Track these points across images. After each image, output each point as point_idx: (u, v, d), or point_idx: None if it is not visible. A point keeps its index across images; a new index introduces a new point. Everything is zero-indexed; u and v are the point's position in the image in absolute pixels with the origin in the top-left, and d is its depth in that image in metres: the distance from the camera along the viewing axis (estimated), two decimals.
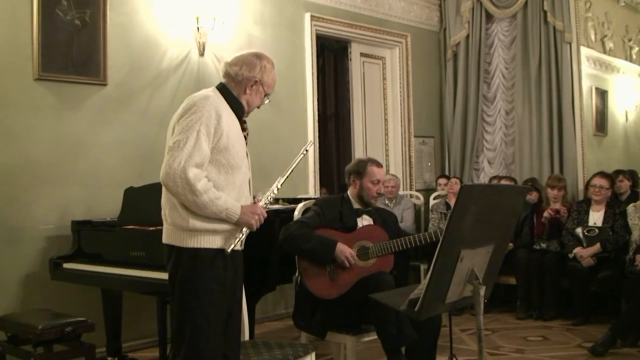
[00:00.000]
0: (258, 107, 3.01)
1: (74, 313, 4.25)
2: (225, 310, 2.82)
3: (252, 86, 2.90)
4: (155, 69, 5.61)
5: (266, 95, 2.97)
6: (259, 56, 2.96)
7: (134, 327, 5.15)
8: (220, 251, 2.77)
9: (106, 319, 4.79)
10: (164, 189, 2.80)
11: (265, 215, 2.89)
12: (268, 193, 2.98)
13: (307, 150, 3.20)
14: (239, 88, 2.91)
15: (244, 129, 2.94)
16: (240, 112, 2.92)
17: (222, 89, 2.91)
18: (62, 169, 5.04)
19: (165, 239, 2.83)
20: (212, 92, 2.85)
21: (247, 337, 3.51)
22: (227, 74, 2.93)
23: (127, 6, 5.46)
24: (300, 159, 3.15)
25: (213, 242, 2.77)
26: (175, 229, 2.78)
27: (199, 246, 2.75)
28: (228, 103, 2.87)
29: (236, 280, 2.91)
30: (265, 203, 2.93)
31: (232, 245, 2.77)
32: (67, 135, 5.08)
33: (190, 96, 2.84)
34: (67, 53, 5.04)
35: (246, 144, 2.95)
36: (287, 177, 3.06)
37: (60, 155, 5.03)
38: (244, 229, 2.82)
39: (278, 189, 3.02)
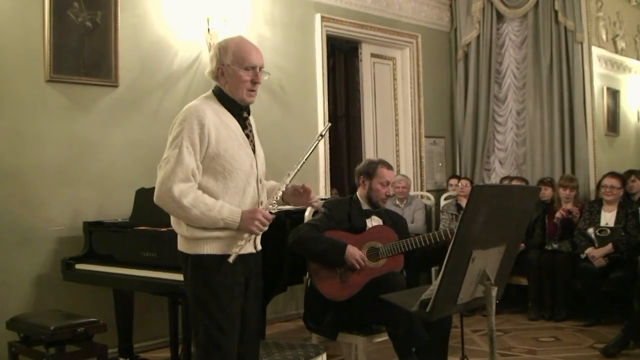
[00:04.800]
0: (257, 82, 2.82)
1: (85, 314, 4.25)
2: (238, 315, 2.78)
3: (222, 74, 2.80)
4: (166, 70, 5.62)
5: (247, 69, 2.78)
6: (214, 46, 2.86)
7: (146, 327, 5.16)
8: (226, 257, 2.70)
9: (118, 319, 4.80)
10: None
11: (269, 217, 2.76)
12: (281, 184, 2.88)
13: (322, 136, 3.00)
14: (222, 85, 2.83)
15: (245, 127, 2.84)
16: (235, 109, 2.83)
17: (215, 90, 2.85)
18: (73, 170, 5.05)
19: (178, 246, 2.84)
20: (200, 99, 2.81)
21: None
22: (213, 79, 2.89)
23: (138, 8, 5.47)
24: (315, 146, 2.96)
25: (216, 248, 2.73)
26: (182, 238, 2.80)
27: (203, 252, 2.72)
28: (222, 103, 2.81)
29: (250, 285, 2.85)
30: (271, 204, 2.81)
31: (234, 255, 2.67)
32: (79, 137, 5.09)
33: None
34: (79, 55, 5.04)
35: (250, 141, 2.85)
36: (297, 169, 2.90)
37: (71, 156, 5.05)
38: (246, 235, 2.73)
39: (287, 185, 2.88)
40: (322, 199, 3.84)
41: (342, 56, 8.52)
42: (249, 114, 2.89)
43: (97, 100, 5.21)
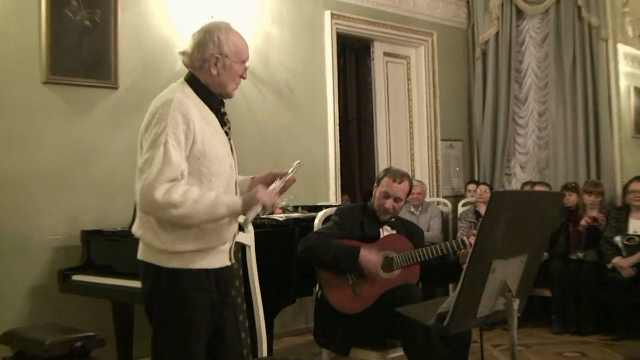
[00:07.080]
0: (244, 78, 2.67)
1: (83, 328, 4.19)
2: (208, 336, 2.60)
3: (215, 65, 2.56)
4: (169, 72, 5.51)
5: (242, 63, 2.62)
6: (208, 30, 2.59)
7: (146, 342, 4.92)
8: (205, 271, 2.53)
9: (117, 333, 4.74)
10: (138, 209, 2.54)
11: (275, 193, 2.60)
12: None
13: (296, 167, 2.78)
14: (205, 75, 2.58)
15: (224, 124, 2.63)
16: (215, 103, 2.61)
17: (191, 80, 2.61)
18: (72, 176, 5.01)
19: (140, 255, 2.58)
20: (178, 91, 2.54)
21: (265, 353, 3.43)
22: (186, 65, 2.63)
23: (140, 6, 5.43)
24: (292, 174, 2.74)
25: (197, 262, 2.51)
26: (152, 249, 2.53)
27: (180, 267, 2.49)
28: (199, 96, 2.58)
29: (228, 301, 2.69)
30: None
31: (250, 219, 2.51)
32: (77, 141, 5.05)
33: (155, 98, 2.55)
34: (77, 55, 5.02)
35: (229, 139, 2.66)
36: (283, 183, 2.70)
37: (70, 161, 5.00)
38: (259, 205, 2.49)
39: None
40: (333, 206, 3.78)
41: (354, 55, 8.51)
42: (224, 107, 2.70)
43: (97, 102, 5.17)
